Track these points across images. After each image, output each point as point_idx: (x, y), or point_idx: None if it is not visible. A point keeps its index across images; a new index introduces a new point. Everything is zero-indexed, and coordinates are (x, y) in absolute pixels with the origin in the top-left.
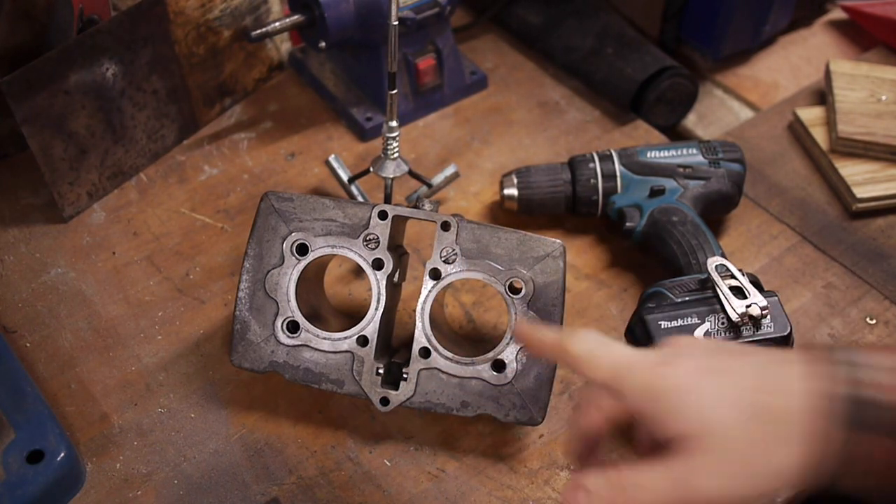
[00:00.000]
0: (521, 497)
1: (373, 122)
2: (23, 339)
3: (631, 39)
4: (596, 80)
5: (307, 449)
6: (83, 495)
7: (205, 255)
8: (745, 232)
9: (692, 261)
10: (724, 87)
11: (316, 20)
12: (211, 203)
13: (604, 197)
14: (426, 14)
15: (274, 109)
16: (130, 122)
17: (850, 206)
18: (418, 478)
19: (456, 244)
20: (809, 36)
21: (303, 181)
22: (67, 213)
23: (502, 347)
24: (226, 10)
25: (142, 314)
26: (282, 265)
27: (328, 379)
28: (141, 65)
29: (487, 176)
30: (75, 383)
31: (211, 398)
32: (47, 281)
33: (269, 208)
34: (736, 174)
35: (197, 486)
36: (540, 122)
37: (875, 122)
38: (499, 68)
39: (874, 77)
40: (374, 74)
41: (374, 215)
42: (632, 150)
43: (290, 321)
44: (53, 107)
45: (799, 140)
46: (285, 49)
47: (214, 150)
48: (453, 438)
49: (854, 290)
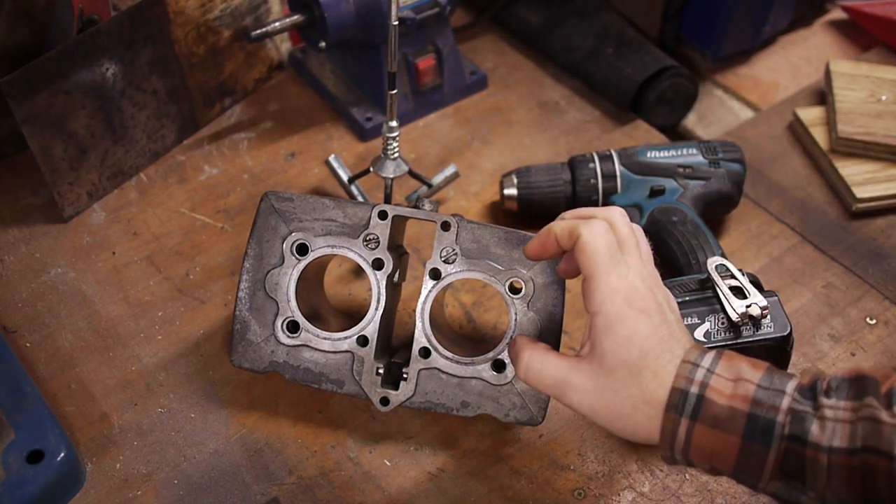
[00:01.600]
0: (521, 497)
1: (373, 122)
2: (23, 339)
3: (631, 39)
4: (596, 80)
5: (307, 449)
6: (83, 495)
7: (205, 255)
8: (745, 232)
9: (692, 261)
10: (724, 87)
11: (316, 20)
12: (211, 203)
13: (604, 197)
14: (426, 14)
15: (274, 109)
16: (130, 122)
17: (850, 206)
18: (418, 478)
19: (456, 244)
20: (809, 36)
21: (303, 181)
22: (67, 213)
23: (502, 347)
24: (226, 10)
25: (142, 314)
26: (282, 265)
27: (328, 379)
28: (141, 65)
29: (487, 176)
30: (75, 383)
31: (211, 398)
32: (47, 281)
33: (269, 208)
34: (736, 174)
35: (197, 486)
36: (540, 122)
37: (875, 122)
38: (499, 68)
39: (874, 77)
40: (374, 74)
41: (374, 215)
42: (632, 150)
43: (290, 321)
44: (53, 107)
45: (799, 140)
46: (285, 49)
47: (214, 150)
48: (453, 438)
49: (854, 290)
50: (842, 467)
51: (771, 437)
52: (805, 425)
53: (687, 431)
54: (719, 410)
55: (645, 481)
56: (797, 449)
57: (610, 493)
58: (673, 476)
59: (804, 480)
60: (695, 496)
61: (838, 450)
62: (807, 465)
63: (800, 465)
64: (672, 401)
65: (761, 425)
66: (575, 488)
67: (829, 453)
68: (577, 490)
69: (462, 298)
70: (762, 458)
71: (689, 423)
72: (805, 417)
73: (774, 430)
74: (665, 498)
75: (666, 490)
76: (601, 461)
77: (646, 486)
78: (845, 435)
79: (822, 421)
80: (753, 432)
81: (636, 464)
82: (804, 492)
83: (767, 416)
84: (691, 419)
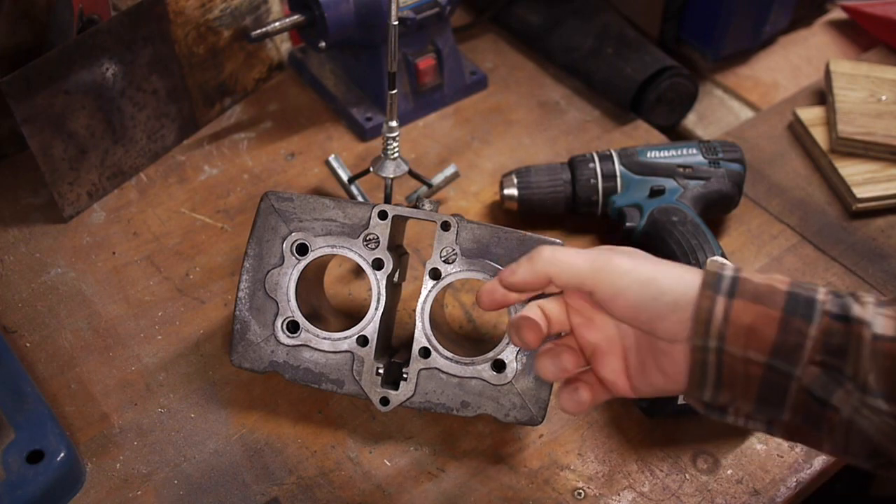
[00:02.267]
0: (521, 497)
1: (373, 122)
2: (23, 339)
3: (631, 39)
4: (596, 80)
5: (307, 449)
6: (83, 495)
7: (205, 255)
8: (745, 232)
9: (692, 261)
10: (724, 87)
11: (316, 20)
12: (211, 203)
13: (604, 197)
14: (426, 14)
15: (274, 109)
16: (130, 122)
17: (850, 206)
18: (418, 478)
19: (456, 244)
20: (809, 36)
21: (303, 181)
22: (67, 213)
23: (502, 347)
24: (226, 10)
25: (142, 314)
26: (282, 265)
27: (328, 379)
28: (141, 65)
29: (487, 176)
30: (75, 383)
31: (211, 398)
32: (47, 281)
33: (269, 208)
34: (736, 174)
35: (197, 486)
36: (540, 122)
37: (875, 122)
38: (499, 68)
39: (874, 77)
40: (374, 74)
41: (374, 215)
42: (632, 150)
43: (290, 321)
44: (53, 107)
45: (799, 140)
46: (285, 49)
47: (214, 150)
48: (453, 438)
49: (854, 290)
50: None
51: (812, 311)
52: (846, 303)
53: (725, 308)
54: (757, 287)
55: (645, 481)
56: (840, 326)
57: (610, 493)
58: (673, 476)
59: (845, 361)
60: (695, 496)
61: (882, 336)
62: (851, 341)
63: (843, 343)
64: (707, 280)
65: (803, 299)
66: (575, 488)
67: (874, 339)
68: (577, 490)
69: (462, 298)
70: (803, 332)
71: (726, 300)
72: (846, 300)
73: (815, 305)
74: (665, 498)
75: (666, 490)
76: (601, 461)
77: (646, 486)
78: (890, 325)
79: (863, 305)
80: (795, 306)
81: (636, 464)
82: (842, 382)
83: (807, 294)
84: (728, 297)
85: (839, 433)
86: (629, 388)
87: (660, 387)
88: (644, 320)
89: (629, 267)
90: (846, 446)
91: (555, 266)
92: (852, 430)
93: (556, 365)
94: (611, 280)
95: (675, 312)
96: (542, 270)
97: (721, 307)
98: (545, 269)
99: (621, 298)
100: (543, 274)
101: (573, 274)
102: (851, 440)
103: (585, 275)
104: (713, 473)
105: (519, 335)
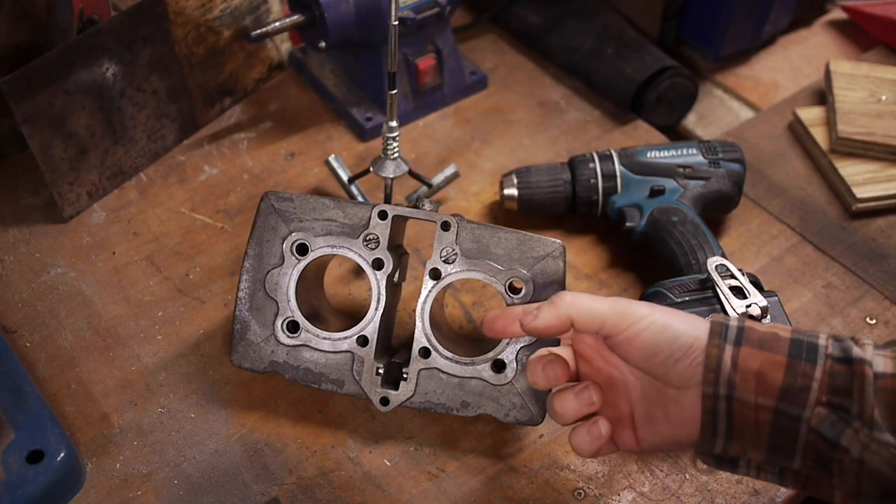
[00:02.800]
0: (521, 497)
1: (373, 122)
2: (23, 339)
3: (631, 39)
4: (596, 80)
5: (307, 449)
6: (83, 495)
7: (205, 255)
8: (745, 232)
9: (692, 261)
10: (724, 87)
11: (316, 20)
12: (211, 203)
13: (604, 197)
14: (426, 14)
15: (274, 109)
16: (130, 122)
17: (850, 206)
18: (418, 478)
19: (456, 244)
20: (809, 36)
21: (303, 181)
22: (67, 213)
23: (502, 347)
24: (226, 10)
25: (142, 314)
26: (282, 265)
27: (328, 379)
28: (141, 65)
29: (487, 176)
30: (75, 383)
31: (211, 398)
32: (47, 281)
33: (269, 208)
34: (736, 174)
35: (197, 486)
36: (540, 122)
37: (875, 122)
38: (499, 68)
39: (874, 77)
40: (374, 74)
41: (374, 215)
42: (632, 150)
43: (290, 321)
44: (53, 107)
45: (799, 140)
46: (285, 49)
47: (214, 150)
48: (453, 438)
49: (854, 290)
50: (889, 391)
51: (816, 354)
52: (847, 346)
53: (732, 356)
54: (762, 335)
55: (645, 481)
56: (843, 367)
57: (610, 493)
58: (673, 476)
59: (851, 400)
60: (695, 496)
61: (884, 374)
62: (854, 380)
63: (848, 382)
64: (714, 329)
65: (805, 345)
66: (575, 488)
67: (876, 378)
68: (577, 490)
69: (462, 298)
70: (809, 375)
71: (733, 349)
72: (846, 343)
73: (818, 349)
74: (665, 498)
75: (666, 490)
76: (601, 461)
77: (646, 486)
78: (889, 364)
79: (863, 347)
80: (799, 350)
81: (636, 464)
82: (850, 421)
83: (810, 339)
84: (735, 345)
85: (850, 475)
86: (634, 441)
87: (667, 436)
88: (658, 362)
89: (647, 311)
90: (858, 488)
91: (576, 309)
92: (863, 470)
93: (578, 401)
94: (630, 322)
95: (688, 356)
96: (564, 314)
97: (729, 355)
98: (567, 313)
99: (639, 340)
100: (566, 318)
101: (594, 317)
102: (863, 480)
103: (606, 317)
104: (713, 473)
105: (545, 371)
